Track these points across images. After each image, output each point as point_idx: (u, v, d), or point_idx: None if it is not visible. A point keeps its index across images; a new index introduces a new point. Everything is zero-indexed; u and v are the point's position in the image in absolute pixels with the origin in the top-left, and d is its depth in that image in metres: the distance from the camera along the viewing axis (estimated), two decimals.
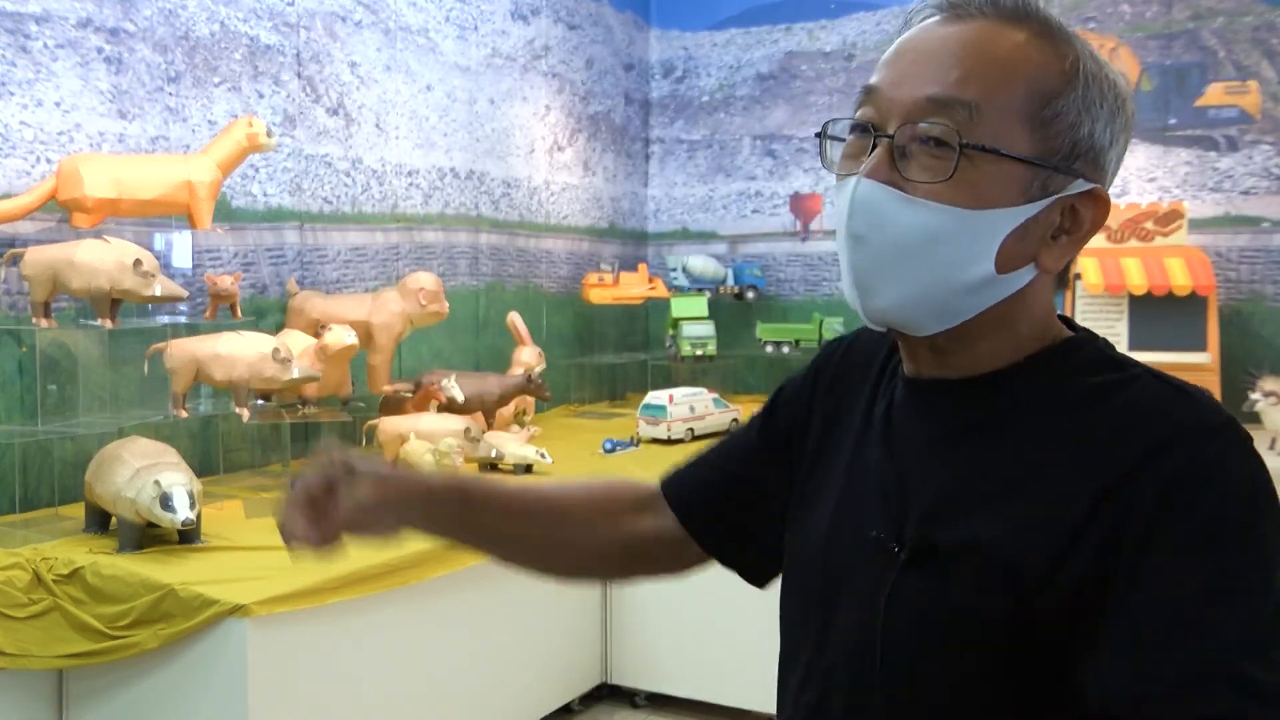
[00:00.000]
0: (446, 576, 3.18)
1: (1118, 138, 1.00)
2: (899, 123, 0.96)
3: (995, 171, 0.94)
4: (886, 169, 0.96)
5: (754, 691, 3.75)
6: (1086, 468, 0.91)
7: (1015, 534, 0.92)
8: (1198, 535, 0.86)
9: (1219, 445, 0.89)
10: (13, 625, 2.68)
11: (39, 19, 3.42)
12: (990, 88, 0.95)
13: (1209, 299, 4.98)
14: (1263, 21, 5.49)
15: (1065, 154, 0.96)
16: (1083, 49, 0.98)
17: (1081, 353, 1.01)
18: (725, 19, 6.74)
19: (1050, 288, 1.03)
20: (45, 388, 3.38)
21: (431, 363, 4.97)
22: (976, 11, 0.98)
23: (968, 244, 0.95)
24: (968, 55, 0.96)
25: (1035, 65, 0.96)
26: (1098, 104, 0.97)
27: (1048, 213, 0.97)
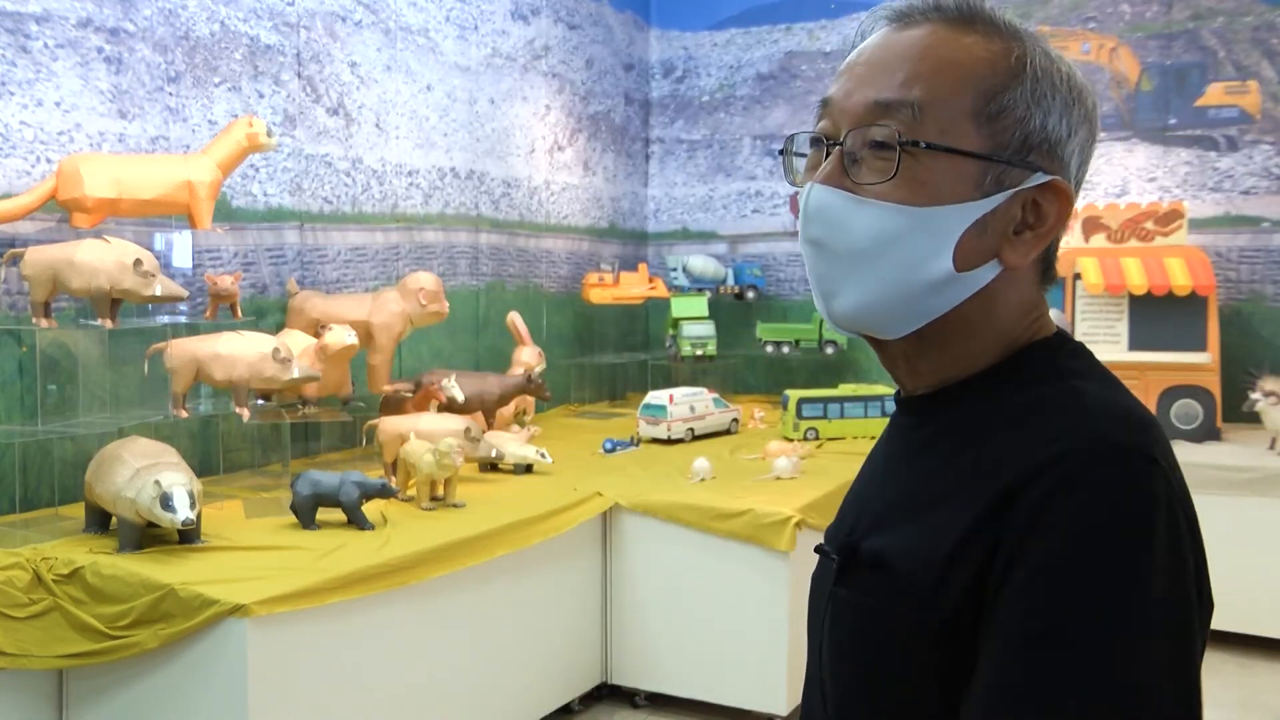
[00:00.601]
0: (446, 576, 3.18)
1: (1076, 129, 0.98)
2: (848, 129, 0.98)
3: (944, 168, 0.95)
4: (838, 175, 0.98)
5: (754, 691, 3.75)
6: (982, 485, 0.90)
7: (915, 547, 0.93)
8: (1046, 572, 0.84)
9: (1098, 469, 0.85)
10: (13, 625, 2.68)
11: (39, 19, 3.42)
12: (934, 87, 0.95)
13: (1209, 299, 4.98)
14: (1263, 21, 5.49)
15: (1017, 147, 0.96)
16: (1033, 45, 0.98)
17: (1030, 365, 0.99)
18: (725, 19, 6.74)
19: (1024, 287, 1.01)
20: (45, 388, 3.38)
21: (431, 363, 4.97)
22: (922, 18, 0.99)
23: (923, 242, 0.95)
24: (912, 58, 0.97)
25: (979, 62, 0.96)
26: (1049, 96, 0.97)
27: (1006, 207, 0.96)
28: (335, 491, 3.26)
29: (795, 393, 5.06)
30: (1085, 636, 0.82)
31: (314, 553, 3.00)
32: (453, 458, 3.51)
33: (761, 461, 4.43)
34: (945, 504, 0.93)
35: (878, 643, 0.95)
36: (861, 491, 1.10)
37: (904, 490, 1.01)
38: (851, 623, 0.99)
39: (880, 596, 0.96)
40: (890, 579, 0.95)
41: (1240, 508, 4.46)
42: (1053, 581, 0.83)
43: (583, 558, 3.86)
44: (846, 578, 1.01)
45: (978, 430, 0.96)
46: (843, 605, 1.01)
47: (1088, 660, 0.81)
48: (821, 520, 3.72)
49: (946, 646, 0.89)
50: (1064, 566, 0.83)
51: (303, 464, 4.02)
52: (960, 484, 0.93)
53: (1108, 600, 0.82)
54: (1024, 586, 0.84)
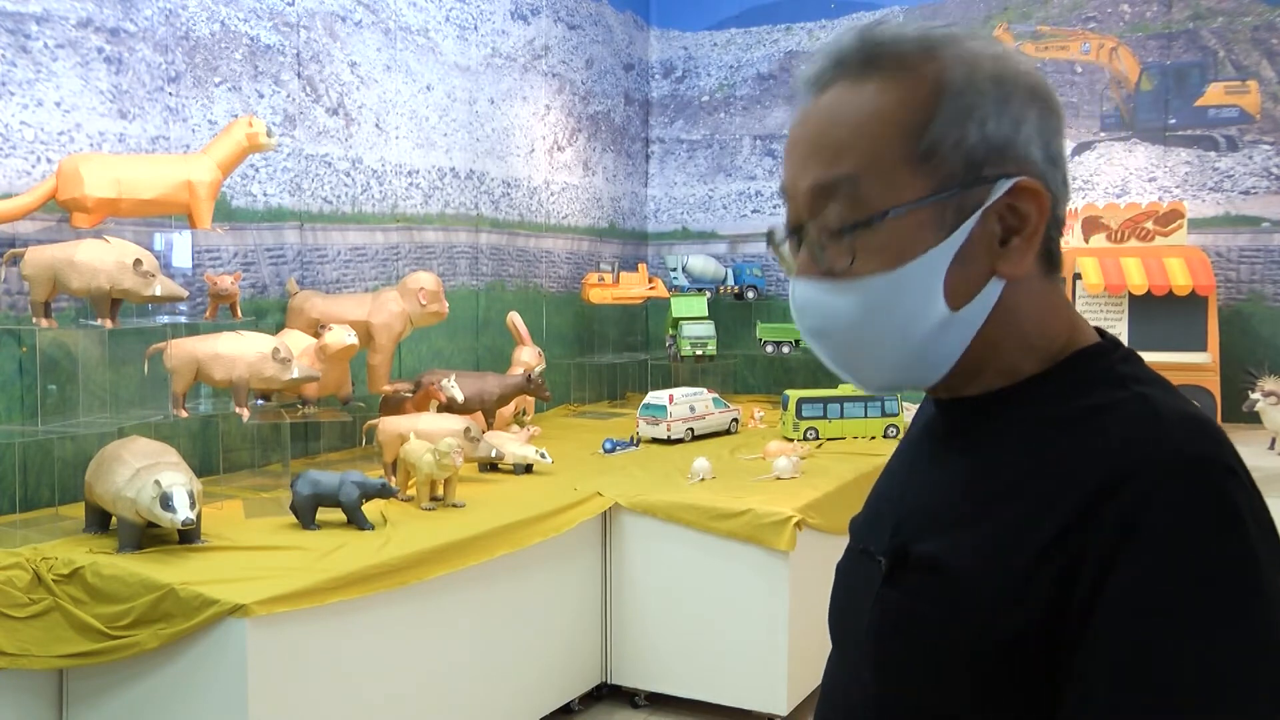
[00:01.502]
0: (446, 576, 3.18)
1: (1023, 116, 0.95)
2: (805, 219, 0.97)
3: (902, 225, 0.93)
4: (810, 265, 0.97)
5: (754, 691, 3.75)
6: (1054, 496, 0.88)
7: (980, 556, 0.91)
8: (1146, 586, 0.82)
9: (1185, 483, 0.84)
10: (13, 625, 2.68)
11: (39, 19, 3.42)
12: (860, 153, 0.94)
13: (1209, 299, 4.98)
14: (1263, 21, 5.49)
15: (963, 171, 0.93)
16: (947, 58, 0.94)
17: (1085, 369, 0.96)
18: (725, 19, 6.74)
19: (1039, 290, 0.98)
20: (45, 388, 3.38)
21: (431, 363, 4.97)
22: (830, 79, 0.97)
23: (909, 302, 0.94)
24: (830, 130, 0.95)
25: (894, 107, 0.94)
26: (976, 105, 0.93)
27: (981, 228, 0.93)
28: (335, 491, 3.26)
29: (795, 393, 5.06)
30: (1196, 658, 0.80)
31: (314, 553, 3.00)
32: (453, 458, 3.51)
33: (761, 461, 4.43)
34: (1009, 507, 0.91)
35: (935, 648, 0.93)
36: (899, 491, 1.06)
37: (954, 493, 0.98)
38: (905, 627, 0.96)
39: (940, 603, 0.93)
40: (952, 584, 0.92)
41: None
42: (1157, 602, 0.82)
43: (583, 558, 3.86)
44: (895, 580, 0.98)
45: (1036, 433, 0.94)
46: (893, 609, 0.97)
47: (1201, 686, 0.80)
48: (822, 520, 3.72)
49: (1015, 653, 0.87)
50: (1165, 589, 0.82)
51: (303, 464, 4.02)
52: (1025, 487, 0.91)
53: (1215, 618, 0.81)
54: (1125, 606, 0.83)
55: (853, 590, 1.07)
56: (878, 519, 1.07)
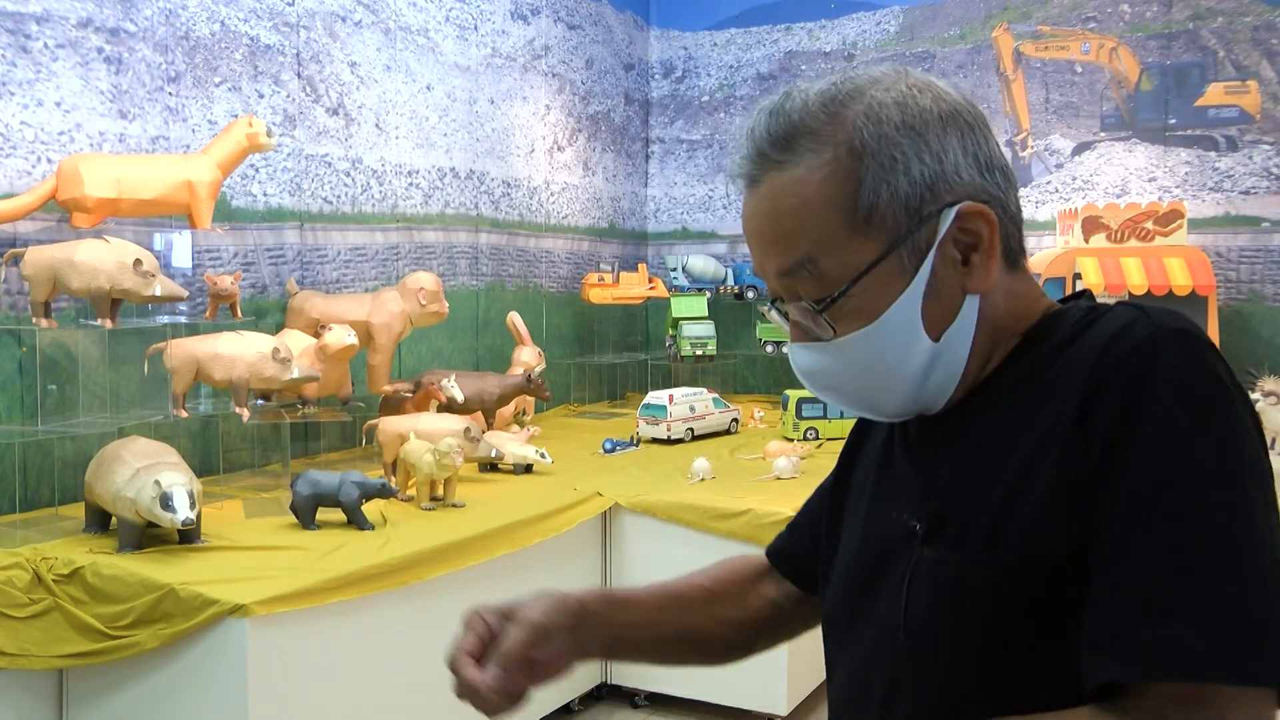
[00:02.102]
0: (446, 576, 3.18)
1: (945, 146, 1.00)
2: (784, 301, 1.06)
3: (869, 284, 0.99)
4: (800, 334, 1.06)
5: (754, 691, 3.75)
6: (1057, 412, 0.94)
7: (1016, 496, 0.95)
8: (1158, 447, 0.88)
9: (1173, 350, 0.90)
10: (13, 625, 2.68)
11: (39, 19, 3.42)
12: (808, 237, 1.00)
13: (1209, 299, 4.97)
14: (1263, 21, 5.49)
15: (906, 219, 0.99)
16: (854, 117, 0.99)
17: (1063, 317, 1.03)
18: (725, 19, 6.74)
19: (1009, 285, 1.04)
20: (45, 388, 3.38)
21: (431, 363, 4.97)
22: (759, 171, 1.02)
23: (895, 345, 1.01)
24: (775, 222, 1.02)
25: (822, 186, 0.99)
26: (896, 156, 0.98)
27: (940, 259, 1.00)
28: (335, 491, 3.26)
29: (795, 393, 5.06)
30: (1215, 501, 0.86)
31: (314, 553, 3.00)
32: (452, 458, 3.51)
33: (761, 461, 4.43)
34: (1027, 439, 0.96)
35: (978, 597, 0.96)
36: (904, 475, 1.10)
37: (966, 458, 1.02)
38: (943, 582, 0.99)
39: (979, 551, 0.96)
40: (987, 528, 0.96)
41: None
42: (1166, 460, 0.87)
43: (583, 558, 3.86)
44: (934, 540, 1.01)
45: (1024, 378, 1.00)
46: (929, 566, 1.01)
47: (1222, 524, 0.85)
48: None
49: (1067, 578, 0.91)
50: (1171, 444, 0.88)
51: (303, 464, 4.02)
52: (1033, 416, 0.97)
53: (1226, 465, 0.87)
54: (1134, 475, 0.88)
55: (872, 566, 1.10)
56: (898, 500, 1.10)
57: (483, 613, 1.18)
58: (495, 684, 1.12)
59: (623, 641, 1.31)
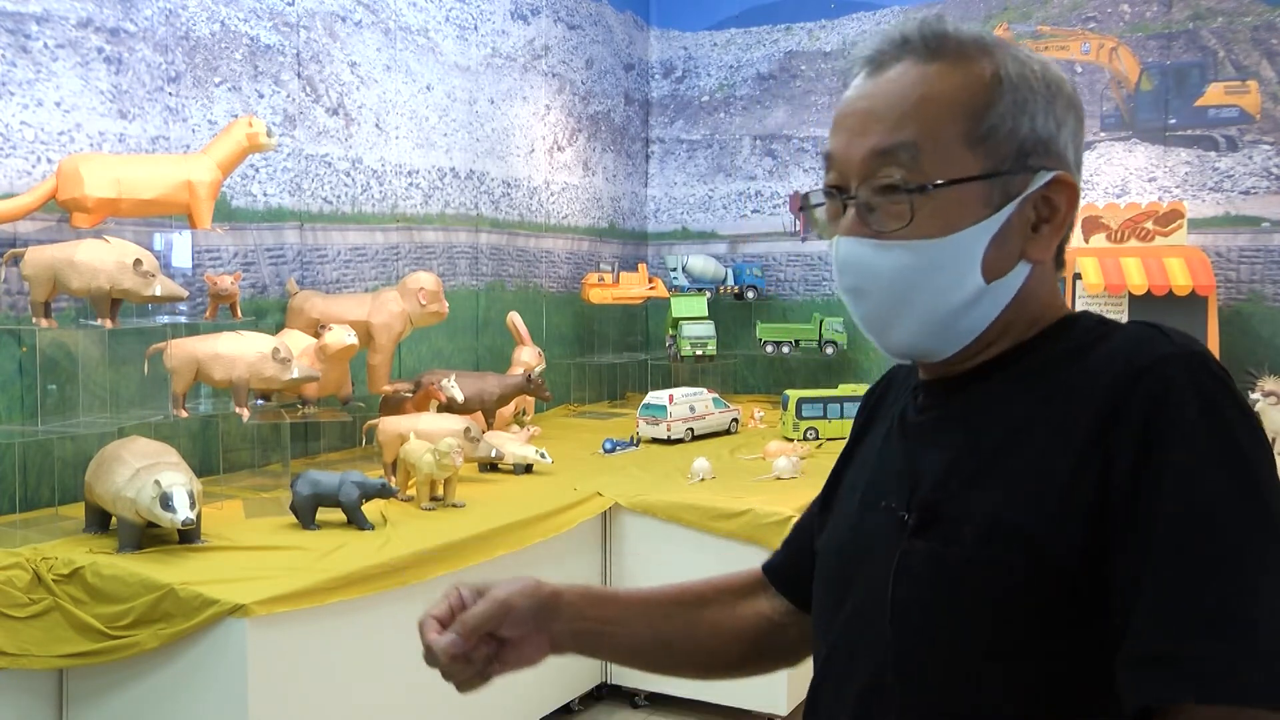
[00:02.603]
0: (446, 576, 3.18)
1: (1064, 119, 1.04)
2: (857, 182, 1.03)
3: (954, 197, 1.00)
4: (859, 225, 1.04)
5: (754, 691, 3.75)
6: (1071, 411, 0.95)
7: (1017, 495, 0.96)
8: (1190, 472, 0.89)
9: (1195, 373, 0.92)
10: (13, 625, 2.68)
11: (39, 19, 3.42)
12: (923, 125, 1.01)
13: (1209, 299, 4.97)
14: (1263, 21, 5.49)
15: (1014, 157, 1.01)
16: (1002, 55, 1.03)
17: (1074, 325, 1.05)
18: (725, 19, 6.74)
19: (1048, 275, 1.07)
20: (45, 388, 3.38)
21: (431, 363, 4.97)
22: (893, 58, 1.05)
23: (951, 268, 1.01)
24: (897, 101, 1.02)
25: (958, 90, 1.01)
26: (1030, 100, 1.02)
27: (1019, 212, 1.02)
28: (335, 491, 3.26)
29: (795, 393, 5.06)
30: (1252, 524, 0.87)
31: (314, 553, 3.00)
32: (453, 458, 3.51)
33: (761, 461, 4.43)
34: (1027, 443, 0.96)
35: (962, 592, 0.97)
36: (897, 464, 1.09)
37: (963, 451, 1.02)
38: (932, 575, 1.00)
39: (971, 548, 0.97)
40: (987, 530, 0.96)
41: None
42: (1200, 483, 0.88)
43: (583, 558, 3.86)
44: (924, 533, 1.01)
45: (1034, 379, 1.01)
46: (919, 559, 1.01)
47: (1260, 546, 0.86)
48: None
49: (1048, 585, 0.92)
50: (1203, 467, 0.88)
51: (303, 464, 4.02)
52: (1033, 425, 0.97)
53: (1256, 487, 0.88)
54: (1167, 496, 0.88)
55: (859, 552, 1.10)
56: (885, 486, 1.10)
57: (460, 586, 1.23)
58: (449, 647, 1.20)
59: (599, 638, 1.31)
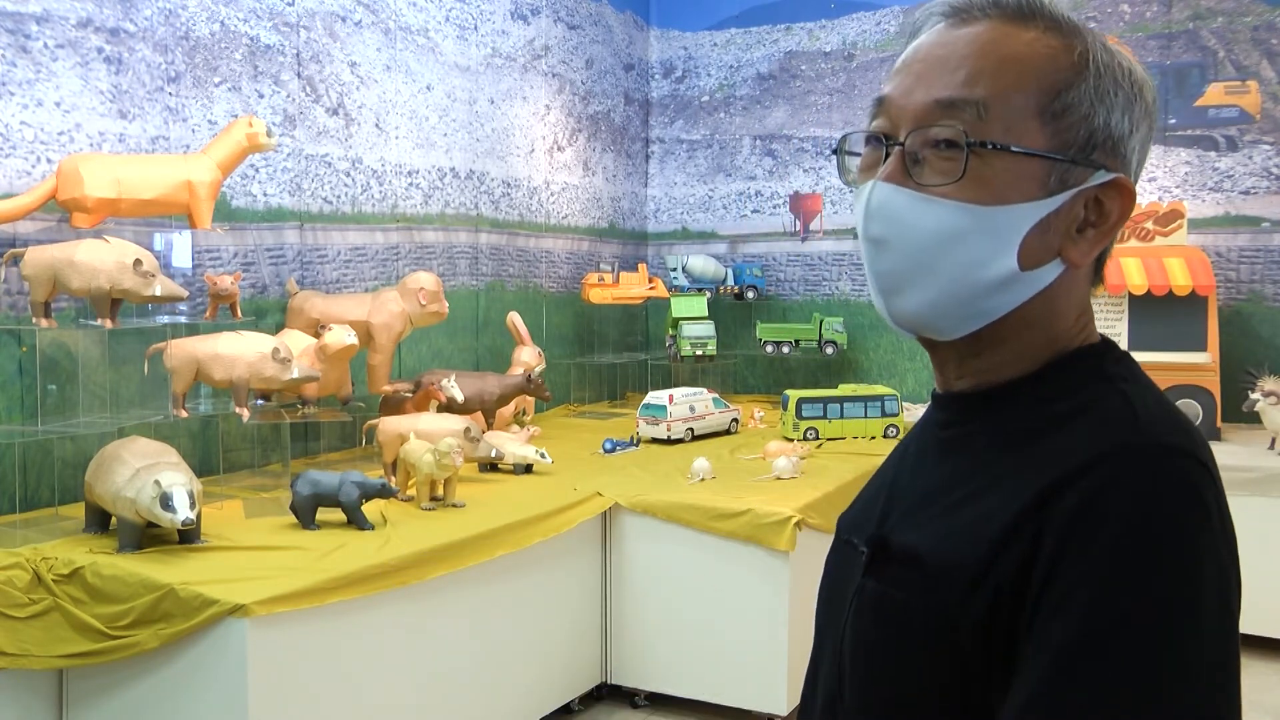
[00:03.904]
0: (446, 576, 3.18)
1: (1138, 125, 0.97)
2: (910, 128, 0.96)
3: (1010, 167, 0.94)
4: (901, 173, 0.96)
5: (754, 691, 3.75)
6: (1024, 483, 0.89)
7: (951, 543, 0.93)
8: (1092, 579, 0.83)
9: (1153, 469, 0.86)
10: (13, 625, 2.68)
11: (39, 19, 3.42)
12: (998, 85, 0.94)
13: (1209, 299, 4.98)
14: (1263, 21, 5.49)
15: (1081, 145, 0.95)
16: (1094, 40, 0.97)
17: (1076, 368, 0.98)
18: (725, 19, 6.74)
19: (1081, 287, 1.00)
20: (45, 388, 3.38)
21: (431, 363, 4.97)
22: (980, 14, 0.98)
23: (988, 241, 0.95)
24: (973, 56, 0.96)
25: (1043, 59, 0.95)
26: (1111, 93, 0.96)
27: (1070, 206, 0.95)
28: (335, 491, 3.26)
29: (795, 393, 5.06)
30: (1133, 646, 0.81)
31: (314, 553, 3.00)
32: (453, 458, 3.51)
33: (761, 461, 4.43)
34: (984, 501, 0.92)
35: (906, 637, 0.95)
36: (891, 483, 1.08)
37: (938, 485, 1.00)
38: (879, 616, 0.98)
39: (912, 591, 0.94)
40: (923, 574, 0.94)
41: (1240, 508, 4.38)
42: (1101, 589, 0.83)
43: (583, 558, 3.86)
44: (876, 570, 0.99)
45: (1020, 433, 0.95)
46: (870, 598, 0.99)
47: (1135, 670, 0.81)
48: (822, 520, 3.72)
49: (979, 642, 0.88)
50: (1110, 574, 0.82)
51: (303, 464, 4.02)
52: (1000, 483, 0.92)
53: (1157, 607, 0.82)
54: (1069, 591, 0.84)
55: (837, 582, 1.09)
56: (865, 510, 1.09)
57: None
58: None
59: None
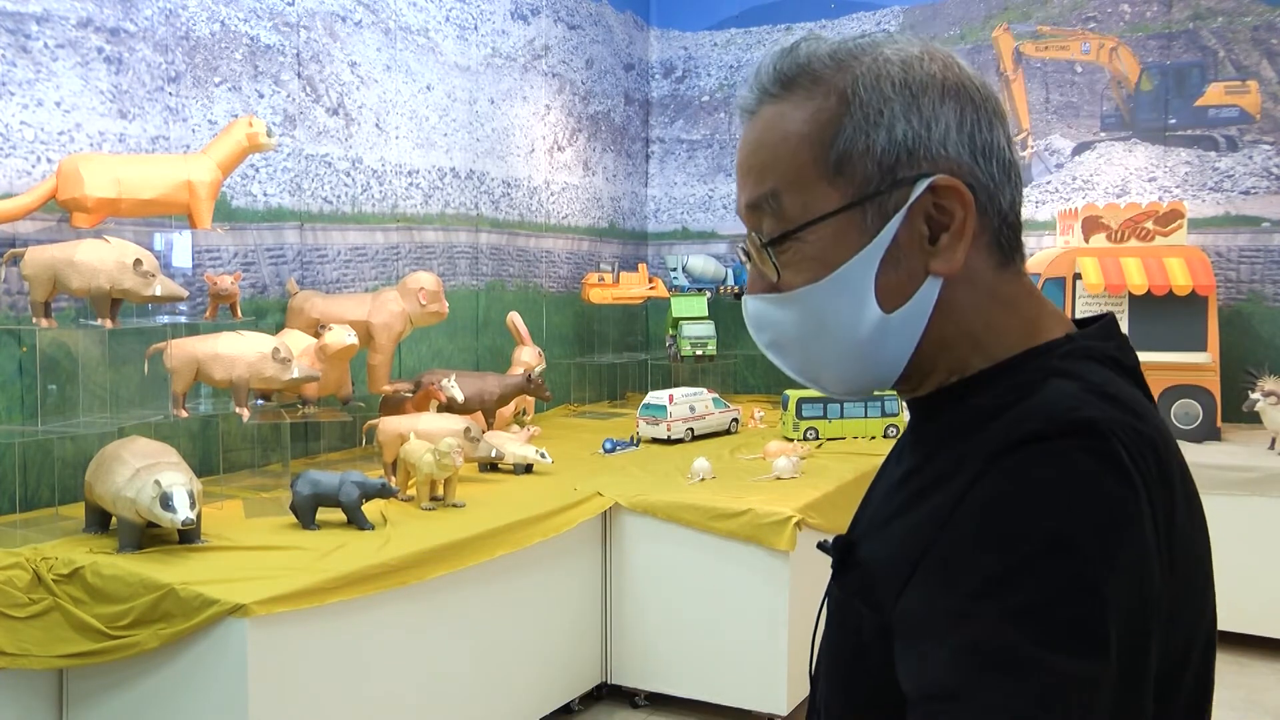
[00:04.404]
0: (446, 576, 3.18)
1: (935, 117, 0.95)
2: (747, 239, 1.03)
3: (825, 233, 0.96)
4: (756, 281, 1.03)
5: (754, 691, 3.75)
6: (945, 487, 0.89)
7: (887, 552, 0.93)
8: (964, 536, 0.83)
9: (1021, 455, 0.83)
10: (13, 625, 2.68)
11: (39, 19, 3.42)
12: (777, 170, 0.98)
13: (1209, 299, 4.98)
14: (1263, 21, 5.49)
15: (878, 176, 0.94)
16: (859, 68, 0.96)
17: (1023, 367, 0.95)
18: (725, 19, 6.74)
19: (979, 284, 0.97)
20: (45, 388, 3.38)
21: (431, 363, 4.97)
22: (757, 102, 1.01)
23: (845, 305, 0.96)
24: (756, 151, 1.01)
25: (802, 124, 0.97)
26: (882, 112, 0.94)
27: (906, 228, 0.94)
28: (335, 491, 3.26)
29: (795, 393, 5.06)
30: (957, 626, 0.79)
31: (314, 553, 3.00)
32: (453, 458, 3.51)
33: (761, 461, 4.43)
34: (929, 500, 0.91)
35: (859, 644, 0.95)
36: (872, 486, 1.11)
37: (895, 491, 1.01)
38: (841, 622, 1.00)
39: (864, 599, 0.96)
40: (871, 582, 0.95)
41: (1240, 508, 4.46)
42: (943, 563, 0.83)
43: (583, 558, 3.86)
44: (840, 577, 1.01)
45: (963, 429, 0.93)
46: (835, 604, 1.01)
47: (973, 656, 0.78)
48: (821, 520, 3.72)
49: None
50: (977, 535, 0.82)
51: (303, 464, 4.02)
52: (943, 481, 0.91)
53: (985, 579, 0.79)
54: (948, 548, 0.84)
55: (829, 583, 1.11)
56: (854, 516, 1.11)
57: None
58: None
59: None
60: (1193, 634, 0.91)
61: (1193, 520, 0.91)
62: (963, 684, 0.77)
